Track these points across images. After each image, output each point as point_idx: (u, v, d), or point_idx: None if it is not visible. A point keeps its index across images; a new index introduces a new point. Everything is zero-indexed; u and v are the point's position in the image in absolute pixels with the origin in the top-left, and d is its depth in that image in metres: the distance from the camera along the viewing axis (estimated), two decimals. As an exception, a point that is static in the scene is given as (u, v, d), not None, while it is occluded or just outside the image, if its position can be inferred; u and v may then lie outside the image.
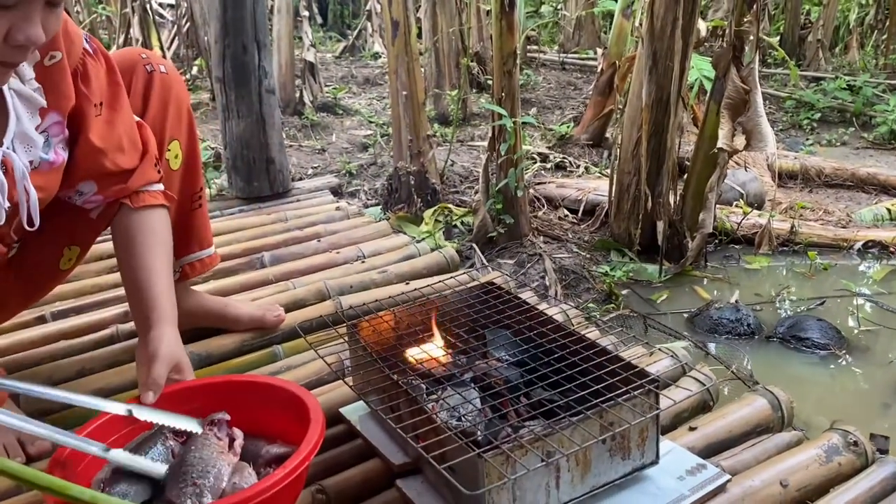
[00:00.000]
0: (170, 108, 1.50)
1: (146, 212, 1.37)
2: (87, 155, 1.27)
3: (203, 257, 1.71)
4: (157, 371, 1.22)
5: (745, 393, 1.35)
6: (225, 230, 2.40)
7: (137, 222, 1.36)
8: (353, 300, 1.86)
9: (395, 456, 1.23)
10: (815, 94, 5.54)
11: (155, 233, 1.37)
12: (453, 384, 1.23)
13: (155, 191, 1.40)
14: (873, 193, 4.05)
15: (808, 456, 1.22)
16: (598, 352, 1.19)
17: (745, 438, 1.30)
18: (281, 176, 2.69)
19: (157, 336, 1.28)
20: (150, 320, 1.30)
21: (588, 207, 3.67)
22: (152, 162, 1.38)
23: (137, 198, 1.36)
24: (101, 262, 2.23)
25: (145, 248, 1.35)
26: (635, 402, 1.08)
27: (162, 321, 1.30)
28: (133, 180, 1.34)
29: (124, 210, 1.37)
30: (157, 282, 1.33)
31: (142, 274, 1.33)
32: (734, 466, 1.21)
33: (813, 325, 2.66)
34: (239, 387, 1.27)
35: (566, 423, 1.05)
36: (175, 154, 1.54)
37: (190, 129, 1.58)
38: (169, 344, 1.28)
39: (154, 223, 1.38)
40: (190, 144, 1.58)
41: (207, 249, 1.72)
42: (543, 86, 6.32)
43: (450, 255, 2.09)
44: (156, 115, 1.47)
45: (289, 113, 4.97)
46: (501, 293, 1.44)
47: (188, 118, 1.57)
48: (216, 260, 1.75)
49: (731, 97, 2.95)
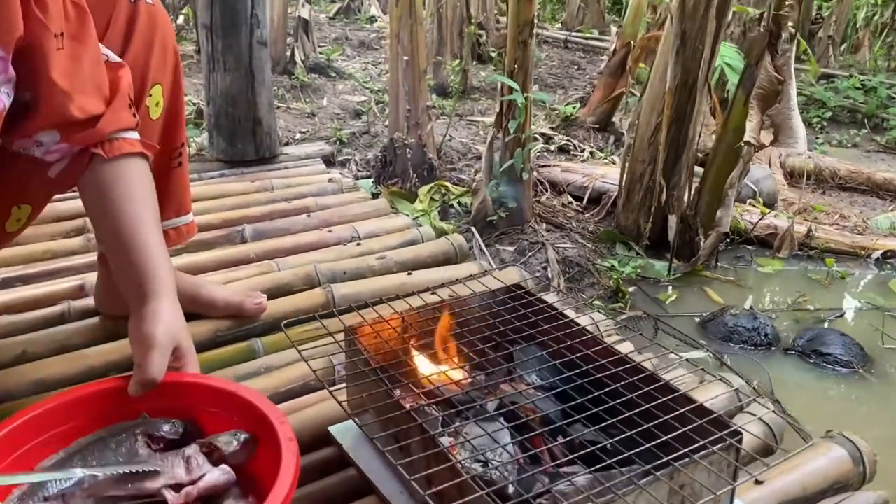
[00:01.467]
0: (155, 46, 1.25)
1: (123, 161, 1.11)
2: (48, 98, 1.02)
3: (180, 225, 1.46)
4: (153, 362, 0.98)
5: (819, 439, 1.14)
6: (202, 196, 2.14)
7: (114, 174, 1.10)
8: (348, 291, 1.61)
9: (398, 499, 1.00)
10: (826, 91, 5.35)
11: (137, 184, 1.12)
12: (476, 415, 1.00)
13: (132, 138, 1.14)
14: (888, 200, 3.86)
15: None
16: (658, 387, 0.96)
17: (820, 497, 1.09)
18: (268, 139, 2.42)
19: (152, 313, 1.03)
20: (143, 290, 1.05)
21: (594, 195, 3.44)
22: (125, 102, 1.13)
23: (111, 146, 1.10)
24: (59, 223, 1.96)
25: (127, 201, 1.10)
26: (712, 459, 0.86)
27: (159, 292, 1.05)
28: (104, 124, 1.08)
29: (97, 162, 1.10)
30: (148, 241, 1.08)
31: (127, 233, 1.08)
32: (813, 535, 1.00)
33: (835, 339, 2.47)
34: (185, 390, 1.02)
35: (629, 486, 0.82)
36: (156, 101, 1.29)
37: (175, 73, 1.33)
38: (168, 324, 1.03)
39: (134, 174, 1.13)
40: (174, 91, 1.33)
41: (185, 216, 1.48)
42: (546, 63, 6.05)
43: (458, 243, 1.84)
44: (138, 54, 1.22)
45: (278, 72, 4.66)
46: (531, 300, 1.20)
47: (174, 60, 1.32)
48: (194, 229, 1.51)
49: (763, 87, 2.73)
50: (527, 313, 1.18)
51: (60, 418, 0.98)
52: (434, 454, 0.92)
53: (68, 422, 0.98)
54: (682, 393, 0.94)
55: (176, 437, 0.95)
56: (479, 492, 0.83)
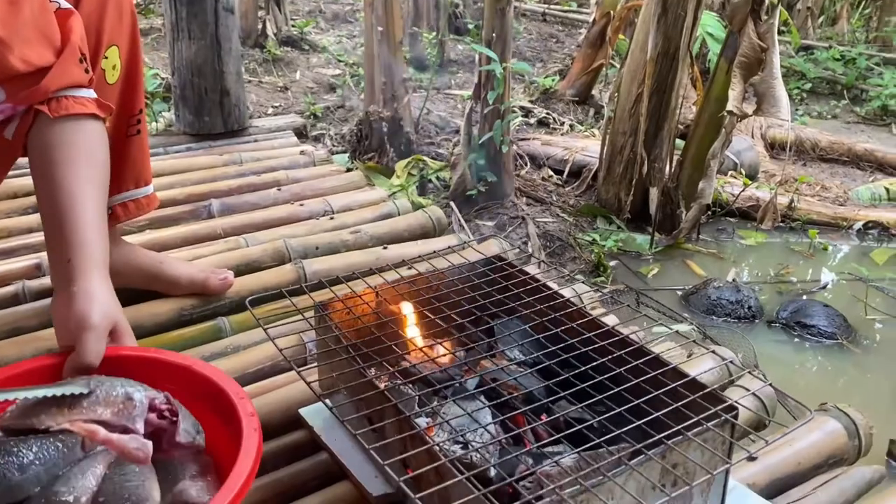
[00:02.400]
0: (109, 4, 1.16)
1: (70, 122, 1.02)
2: None
3: (139, 197, 1.37)
4: (89, 347, 0.89)
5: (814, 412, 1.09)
6: (167, 170, 2.04)
7: (58, 135, 1.01)
8: (320, 266, 1.54)
9: (372, 484, 0.94)
10: (805, 62, 5.31)
11: (81, 148, 1.02)
12: (455, 394, 0.93)
13: (82, 97, 1.04)
14: (868, 171, 3.85)
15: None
16: (647, 361, 0.91)
17: (814, 472, 1.04)
18: (237, 111, 2.32)
19: (83, 291, 0.93)
20: (71, 265, 0.95)
21: (574, 169, 3.38)
22: (76, 56, 1.03)
23: (57, 104, 1.01)
24: (14, 200, 1.86)
25: (66, 166, 0.99)
26: (707, 436, 0.80)
27: (89, 269, 0.95)
28: (49, 80, 0.99)
29: (41, 120, 1.01)
30: (84, 212, 0.98)
31: (62, 201, 0.98)
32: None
33: (819, 311, 2.44)
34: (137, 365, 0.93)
35: (618, 466, 0.76)
36: (113, 64, 1.20)
37: (132, 34, 1.23)
38: (102, 304, 0.93)
39: (81, 137, 1.03)
40: (131, 53, 1.24)
41: (145, 188, 1.39)
42: (524, 36, 5.95)
43: (436, 216, 1.77)
44: (91, 12, 1.13)
45: (249, 45, 4.52)
46: (512, 271, 1.14)
47: (131, 20, 1.22)
48: (155, 202, 1.42)
49: (746, 55, 2.66)
50: (508, 285, 1.12)
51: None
52: (410, 436, 0.86)
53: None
54: (672, 366, 0.88)
55: None
56: (459, 476, 0.77)
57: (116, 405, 0.80)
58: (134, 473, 0.77)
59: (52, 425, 0.79)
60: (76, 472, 0.76)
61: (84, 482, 0.74)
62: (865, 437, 1.12)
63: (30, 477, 0.75)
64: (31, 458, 0.75)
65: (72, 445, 0.78)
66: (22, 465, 0.75)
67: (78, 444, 0.78)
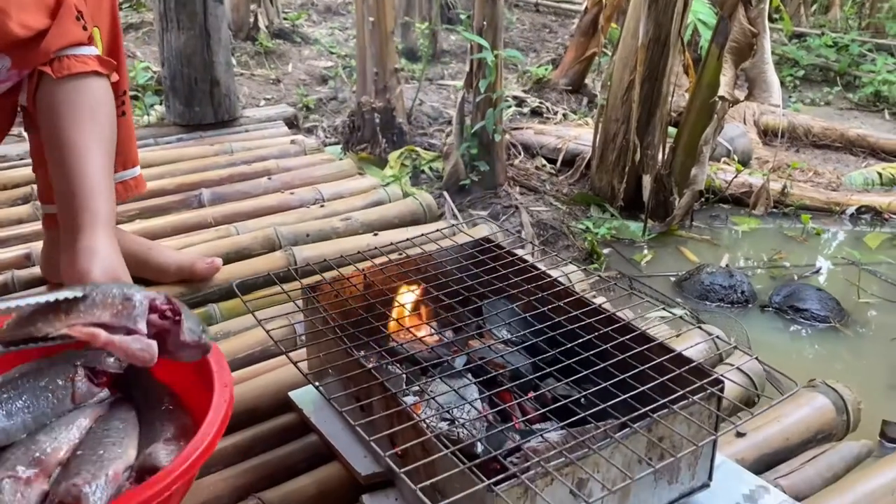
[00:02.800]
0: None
1: (74, 81, 1.01)
2: None
3: (127, 178, 1.37)
4: None
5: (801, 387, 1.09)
6: (158, 161, 2.03)
7: (63, 95, 1.01)
8: (310, 252, 1.54)
9: (361, 463, 0.94)
10: (798, 50, 5.30)
11: (85, 106, 1.02)
12: (443, 372, 0.93)
13: (83, 55, 1.03)
14: (861, 156, 3.85)
15: (893, 476, 0.97)
16: (634, 337, 0.91)
17: (803, 448, 1.04)
18: (227, 101, 2.31)
19: (86, 248, 0.92)
20: (77, 223, 0.95)
21: (567, 157, 3.37)
22: (72, 14, 1.02)
23: (60, 64, 1.01)
24: (5, 192, 1.86)
25: (71, 125, 1.00)
26: (693, 409, 0.80)
27: (93, 225, 0.95)
28: (50, 40, 0.99)
29: (45, 82, 1.01)
30: (87, 169, 0.97)
31: (70, 159, 0.98)
32: (797, 486, 0.95)
33: (812, 295, 2.45)
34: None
35: (604, 439, 0.76)
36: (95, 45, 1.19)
37: (113, 15, 1.24)
38: (104, 260, 0.92)
39: (85, 96, 1.03)
40: (112, 33, 1.24)
41: (132, 169, 1.39)
42: (517, 27, 5.94)
43: (427, 202, 1.77)
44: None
45: (241, 38, 4.51)
46: (500, 253, 1.14)
47: (111, 3, 1.23)
48: (143, 184, 1.42)
49: (737, 40, 2.66)
50: (496, 266, 1.12)
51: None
52: (396, 413, 0.86)
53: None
54: (658, 342, 0.89)
55: (120, 372, 0.86)
56: (445, 450, 0.77)
57: (115, 307, 0.78)
58: (116, 430, 0.78)
59: (50, 332, 0.76)
60: (62, 424, 0.76)
61: (67, 434, 0.75)
62: (854, 413, 1.12)
63: (17, 423, 0.75)
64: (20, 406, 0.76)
65: (62, 397, 0.78)
66: (10, 411, 0.76)
67: (68, 397, 0.78)
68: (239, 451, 1.02)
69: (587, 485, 0.75)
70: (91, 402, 0.80)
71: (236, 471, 0.98)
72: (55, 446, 0.73)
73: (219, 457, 1.00)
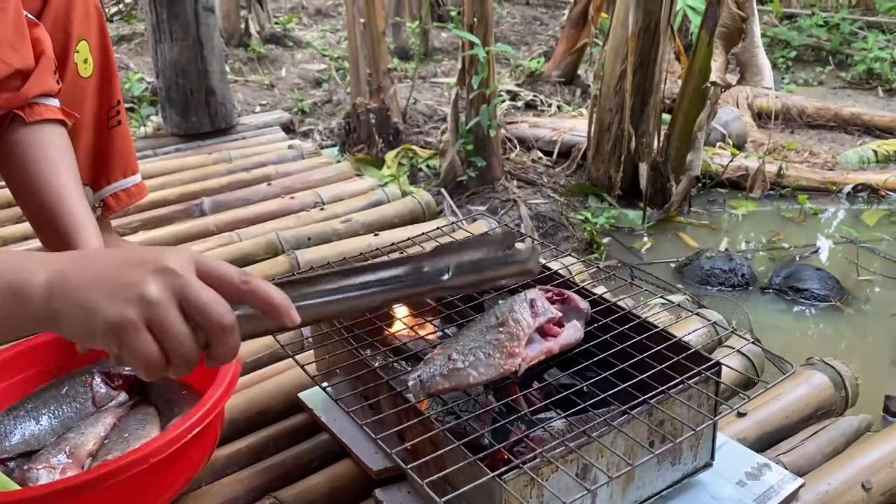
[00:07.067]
0: (76, 1, 1.20)
1: (42, 126, 1.08)
2: None
3: (129, 186, 1.41)
4: None
5: (798, 367, 1.11)
6: (158, 172, 2.06)
7: (34, 137, 1.07)
8: (312, 255, 1.56)
9: (372, 459, 0.96)
10: (790, 31, 5.31)
11: (57, 148, 1.09)
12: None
13: (52, 105, 1.11)
14: (856, 134, 3.86)
15: (892, 448, 0.99)
16: (633, 326, 0.93)
17: (803, 425, 1.07)
18: (223, 109, 2.34)
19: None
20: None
21: (563, 149, 3.39)
22: (51, 67, 1.09)
23: (32, 110, 1.07)
24: (8, 210, 1.88)
25: (49, 163, 1.06)
26: (690, 393, 0.82)
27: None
28: (29, 87, 1.05)
29: (16, 125, 1.07)
30: (70, 203, 1.04)
31: (49, 196, 1.04)
32: (798, 462, 0.98)
33: (811, 274, 2.46)
34: None
35: (605, 428, 0.78)
36: (84, 58, 1.24)
37: (101, 28, 1.27)
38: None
39: (54, 138, 1.10)
40: (102, 46, 1.28)
41: (133, 177, 1.42)
42: (508, 20, 5.95)
43: (425, 200, 1.79)
44: (58, 8, 1.17)
45: (233, 45, 4.53)
46: (499, 248, 1.16)
47: (98, 17, 1.26)
48: (144, 190, 1.45)
49: (726, 25, 2.67)
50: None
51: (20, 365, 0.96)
52: (404, 410, 0.88)
53: (27, 369, 0.95)
54: (657, 330, 0.91)
55: (135, 375, 0.92)
56: (453, 444, 0.79)
57: None
58: (137, 421, 0.84)
59: None
60: (88, 423, 0.86)
61: (94, 429, 0.83)
62: (852, 388, 1.14)
63: (45, 428, 0.84)
64: (46, 413, 0.86)
65: (83, 401, 0.87)
66: (38, 419, 0.85)
67: (89, 400, 0.87)
68: (253, 453, 1.05)
69: (591, 471, 0.77)
70: (111, 405, 0.85)
71: (251, 472, 1.01)
72: (83, 440, 0.82)
73: (234, 459, 1.03)
